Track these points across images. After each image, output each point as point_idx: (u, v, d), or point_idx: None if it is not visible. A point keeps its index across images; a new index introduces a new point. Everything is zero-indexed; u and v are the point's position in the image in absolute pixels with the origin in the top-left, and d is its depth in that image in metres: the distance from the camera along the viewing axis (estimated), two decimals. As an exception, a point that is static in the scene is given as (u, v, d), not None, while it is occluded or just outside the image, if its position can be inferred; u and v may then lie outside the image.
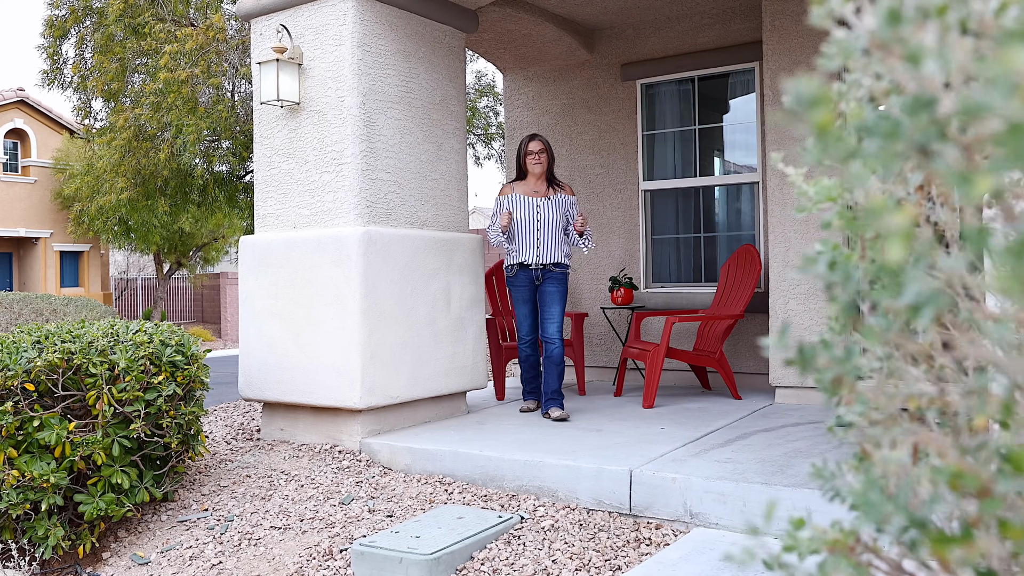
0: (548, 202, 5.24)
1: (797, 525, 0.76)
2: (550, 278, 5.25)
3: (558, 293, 5.24)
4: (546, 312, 5.24)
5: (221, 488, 4.49)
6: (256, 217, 5.27)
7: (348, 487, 4.37)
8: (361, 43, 4.84)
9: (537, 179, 5.30)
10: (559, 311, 5.24)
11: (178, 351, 4.25)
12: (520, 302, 5.33)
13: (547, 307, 5.24)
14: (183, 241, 19.09)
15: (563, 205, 5.28)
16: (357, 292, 4.72)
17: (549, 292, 5.24)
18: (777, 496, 3.49)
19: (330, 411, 4.91)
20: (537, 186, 5.30)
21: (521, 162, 5.34)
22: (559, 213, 5.24)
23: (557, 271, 5.25)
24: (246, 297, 5.19)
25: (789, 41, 5.41)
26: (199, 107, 7.30)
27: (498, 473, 4.23)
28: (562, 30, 6.60)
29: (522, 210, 5.24)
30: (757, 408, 5.31)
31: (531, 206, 5.23)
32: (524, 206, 5.24)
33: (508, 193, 5.34)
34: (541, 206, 5.23)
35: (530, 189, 5.30)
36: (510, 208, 5.26)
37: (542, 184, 5.31)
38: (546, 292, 5.24)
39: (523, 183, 5.35)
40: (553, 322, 5.20)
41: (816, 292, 5.34)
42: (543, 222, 5.21)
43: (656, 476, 3.78)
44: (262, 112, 5.18)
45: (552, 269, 5.23)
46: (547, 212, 5.22)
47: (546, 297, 5.24)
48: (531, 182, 5.32)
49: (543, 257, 5.21)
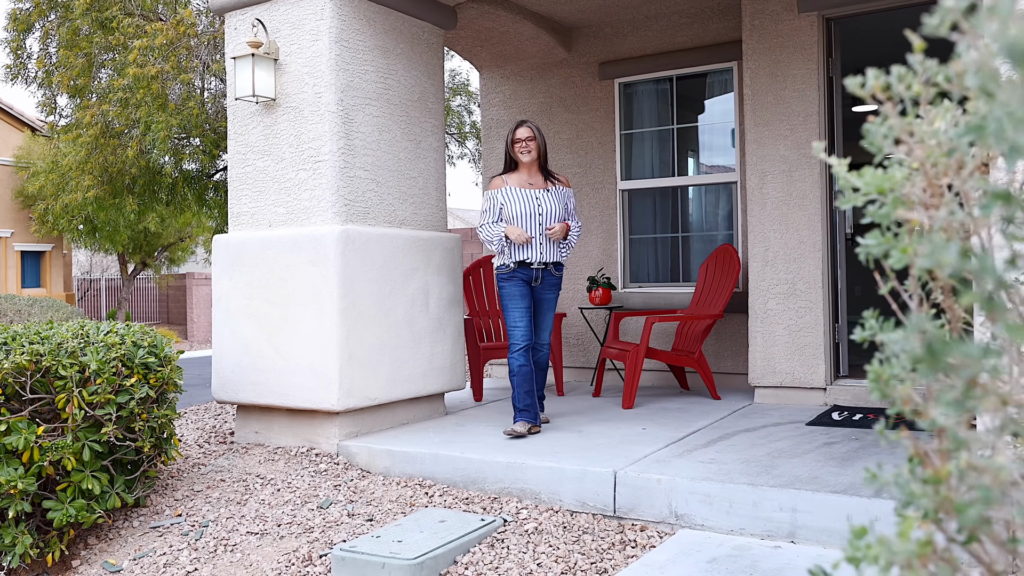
0: (547, 194, 4.80)
1: (859, 535, 0.72)
2: (549, 283, 4.88)
3: (554, 300, 4.96)
4: (542, 319, 4.92)
5: (195, 493, 4.38)
6: (230, 215, 5.16)
7: (326, 491, 4.28)
8: (339, 38, 4.76)
9: (529, 169, 4.85)
10: (552, 318, 5.00)
11: (151, 352, 4.14)
12: (514, 302, 4.77)
13: (544, 315, 4.92)
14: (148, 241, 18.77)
15: (563, 197, 4.87)
16: (335, 292, 4.63)
17: (548, 299, 4.91)
18: (764, 496, 3.46)
19: (307, 413, 4.82)
20: (532, 177, 4.85)
21: (509, 150, 4.87)
22: (560, 205, 4.82)
23: (556, 275, 4.90)
24: (220, 297, 5.07)
25: (768, 40, 5.41)
26: (169, 103, 7.16)
27: (480, 475, 4.16)
28: (540, 28, 6.55)
29: (520, 204, 4.76)
30: (737, 408, 5.30)
31: (530, 199, 4.77)
32: (522, 199, 4.77)
33: (500, 186, 4.83)
34: (541, 198, 4.78)
35: (524, 181, 4.83)
36: (504, 202, 4.78)
37: (537, 175, 4.86)
38: (544, 299, 4.90)
39: (515, 175, 4.87)
40: (547, 329, 4.95)
41: (795, 292, 5.34)
42: (545, 215, 4.76)
43: (641, 477, 3.74)
44: (237, 108, 5.07)
45: (552, 272, 4.86)
46: (548, 204, 4.78)
47: (543, 304, 4.91)
48: (524, 173, 4.86)
49: (547, 255, 4.79)
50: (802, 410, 5.14)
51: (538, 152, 4.82)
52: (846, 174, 0.90)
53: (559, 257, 4.85)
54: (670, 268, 6.85)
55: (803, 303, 5.31)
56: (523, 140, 4.80)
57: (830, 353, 5.34)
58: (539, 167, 4.86)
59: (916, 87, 0.81)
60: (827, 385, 5.29)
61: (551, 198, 4.80)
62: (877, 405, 5.17)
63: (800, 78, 5.31)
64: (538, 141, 4.82)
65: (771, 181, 5.41)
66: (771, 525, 3.42)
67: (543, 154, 4.86)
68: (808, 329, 5.29)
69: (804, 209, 5.30)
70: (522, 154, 4.80)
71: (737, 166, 6.30)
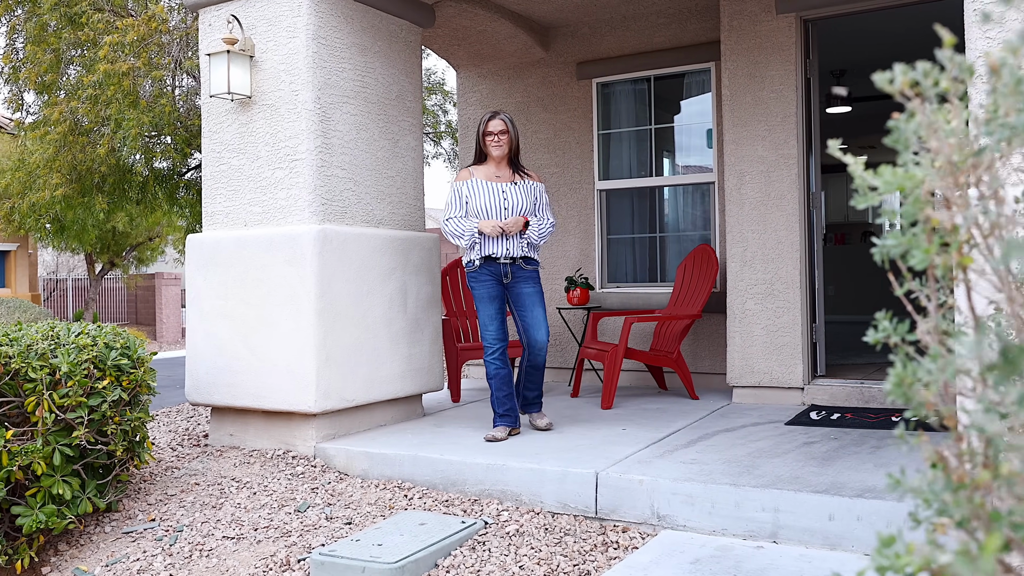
0: (515, 187, 4.63)
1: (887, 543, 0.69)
2: (523, 277, 4.64)
3: (537, 293, 4.67)
4: (530, 317, 4.64)
5: (168, 497, 4.30)
6: (204, 215, 5.07)
7: (303, 494, 4.22)
8: (316, 35, 4.69)
9: (498, 163, 4.68)
10: (543, 313, 4.69)
11: (123, 354, 4.05)
12: (485, 301, 4.62)
13: (529, 311, 4.64)
14: (116, 240, 18.47)
15: (531, 192, 4.68)
16: (312, 292, 4.57)
17: (527, 293, 4.64)
18: (746, 497, 3.46)
19: (283, 415, 4.75)
20: (500, 170, 4.69)
21: (480, 142, 4.70)
22: (527, 200, 4.63)
23: (529, 268, 4.65)
24: (194, 298, 4.99)
25: (747, 41, 5.42)
26: (141, 101, 7.03)
27: (459, 477, 4.13)
28: (518, 27, 6.53)
29: (485, 197, 4.59)
30: (716, 408, 5.31)
31: (495, 192, 4.60)
32: (487, 192, 4.60)
33: (467, 179, 4.69)
34: (508, 191, 4.61)
35: (492, 174, 4.67)
36: (469, 195, 4.62)
37: (505, 168, 4.69)
38: (523, 294, 4.64)
39: (483, 167, 4.71)
40: (541, 327, 4.63)
41: (773, 292, 5.36)
42: (511, 209, 4.59)
43: (623, 478, 3.73)
44: (211, 105, 4.99)
45: (523, 266, 4.63)
46: (515, 198, 4.60)
47: (525, 299, 4.64)
48: (492, 166, 4.69)
49: (513, 250, 4.58)
50: (780, 410, 5.16)
51: (509, 147, 4.67)
52: (862, 173, 0.88)
53: (525, 252, 4.64)
54: (648, 268, 6.85)
55: (781, 303, 5.32)
56: (495, 133, 4.64)
57: (807, 353, 5.37)
58: (508, 161, 4.70)
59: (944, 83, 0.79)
60: (805, 385, 5.31)
61: (518, 192, 4.62)
62: (855, 404, 5.20)
63: (778, 79, 5.33)
64: (510, 135, 4.66)
65: (749, 181, 5.42)
66: (753, 525, 3.42)
67: (515, 148, 4.71)
68: (786, 329, 5.31)
69: (782, 209, 5.32)
70: (493, 148, 4.64)
71: (714, 166, 6.31)
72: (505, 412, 4.65)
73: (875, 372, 5.80)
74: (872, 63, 8.18)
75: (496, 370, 4.64)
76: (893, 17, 6.39)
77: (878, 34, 7.20)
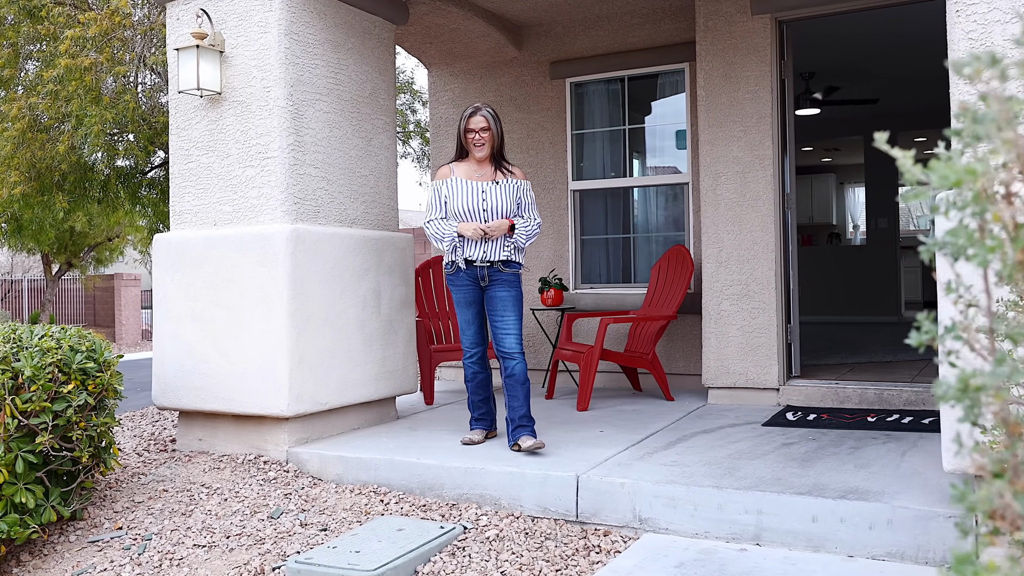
0: (496, 187, 4.36)
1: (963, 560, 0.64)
2: (500, 281, 4.36)
3: (511, 298, 4.36)
4: (499, 321, 4.35)
5: (136, 504, 4.17)
6: (172, 214, 4.94)
7: (276, 500, 4.12)
8: (288, 31, 4.59)
9: (480, 161, 4.42)
10: (515, 319, 4.36)
11: (89, 357, 3.92)
12: (462, 305, 4.43)
13: (500, 315, 4.35)
14: (74, 241, 18.06)
15: (514, 191, 4.39)
16: (285, 293, 4.47)
17: (500, 297, 4.35)
18: (729, 499, 3.43)
19: (254, 419, 4.64)
20: (481, 168, 4.41)
21: (461, 138, 4.43)
22: (510, 200, 4.36)
23: (508, 272, 4.37)
24: (161, 299, 4.86)
25: (722, 42, 5.42)
26: (103, 97, 6.84)
27: (437, 481, 4.06)
28: (491, 26, 6.47)
29: (464, 197, 4.32)
30: (692, 409, 5.29)
31: (475, 192, 4.33)
32: (467, 192, 4.33)
33: (446, 176, 4.43)
34: (488, 192, 4.34)
35: (472, 172, 4.41)
36: (448, 195, 4.36)
37: (487, 166, 4.42)
38: (496, 297, 4.35)
39: (464, 164, 4.44)
40: (510, 333, 4.33)
41: (749, 292, 5.36)
42: (491, 211, 4.32)
43: (604, 481, 3.68)
44: (180, 102, 4.86)
45: (502, 269, 4.35)
46: (495, 199, 4.33)
47: (496, 303, 4.35)
48: (473, 163, 4.43)
49: (491, 253, 4.32)
50: (756, 410, 5.16)
51: (492, 146, 4.40)
52: (912, 167, 0.83)
53: (506, 255, 4.35)
54: (621, 269, 6.83)
55: (756, 304, 5.33)
56: (476, 131, 4.36)
57: (783, 354, 5.37)
58: (491, 158, 4.43)
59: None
60: (780, 385, 5.31)
61: (500, 192, 4.35)
62: (830, 405, 5.21)
63: (753, 80, 5.33)
64: (493, 132, 4.38)
65: (725, 182, 5.42)
66: (736, 527, 3.40)
67: (499, 145, 4.44)
68: (761, 330, 5.31)
69: (757, 210, 5.32)
70: (475, 148, 4.38)
71: (688, 167, 6.30)
72: (481, 416, 4.56)
73: (847, 372, 5.83)
74: (841, 66, 8.26)
75: (474, 374, 4.52)
76: (865, 20, 6.44)
77: (848, 37, 7.27)
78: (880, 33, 7.14)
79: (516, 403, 4.32)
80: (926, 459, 3.82)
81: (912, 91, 9.53)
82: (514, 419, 4.30)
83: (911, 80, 9.00)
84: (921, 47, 7.51)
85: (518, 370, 4.33)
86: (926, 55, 7.77)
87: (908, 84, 9.18)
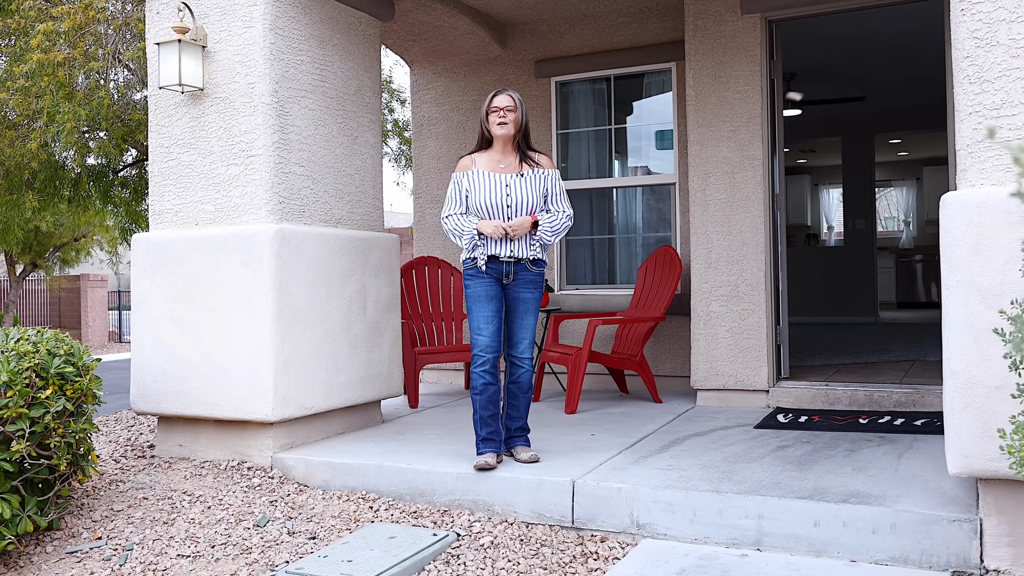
0: (521, 179, 4.01)
1: None
2: (526, 280, 4.04)
3: (533, 300, 4.07)
4: (517, 324, 4.06)
5: (115, 513, 4.04)
6: (151, 213, 4.80)
7: (262, 507, 4.01)
8: (273, 26, 4.48)
9: (504, 148, 4.05)
10: (533, 324, 4.09)
11: (68, 361, 3.78)
12: (481, 300, 3.99)
13: (520, 318, 4.06)
14: (40, 241, 17.69)
15: (540, 182, 4.04)
16: (270, 295, 4.35)
17: (524, 299, 4.04)
18: (729, 504, 3.38)
19: (237, 424, 4.52)
20: (505, 158, 4.06)
21: (484, 124, 4.08)
22: (535, 193, 4.01)
23: (534, 270, 4.05)
24: (140, 301, 4.72)
25: (712, 41, 5.38)
26: (77, 93, 6.66)
27: (428, 487, 3.97)
28: (476, 23, 6.38)
29: (487, 191, 3.98)
30: (682, 412, 5.24)
31: (498, 185, 3.99)
32: (489, 186, 3.99)
33: (468, 168, 4.08)
34: (513, 185, 4.00)
35: (495, 163, 4.05)
36: (469, 188, 4.02)
37: (511, 155, 4.06)
38: (520, 299, 4.04)
39: (486, 155, 4.09)
40: (525, 338, 4.07)
41: (738, 294, 5.32)
42: (515, 206, 3.98)
43: (600, 486, 3.62)
44: (160, 98, 4.73)
45: (529, 267, 4.03)
46: (520, 192, 3.99)
47: (519, 305, 4.05)
48: (496, 152, 4.07)
49: (518, 250, 3.99)
50: (747, 412, 5.12)
51: (516, 127, 4.02)
52: (1025, 159, 0.76)
53: (533, 253, 4.02)
54: (607, 270, 6.77)
55: (746, 305, 5.29)
56: (501, 109, 4.00)
57: (772, 355, 5.34)
58: (515, 146, 4.06)
59: None
60: (770, 387, 5.28)
61: (525, 185, 4.00)
62: (820, 407, 5.19)
63: (743, 79, 5.30)
64: (518, 113, 4.03)
65: (714, 183, 5.38)
66: (737, 533, 3.35)
67: (523, 131, 4.07)
68: (751, 331, 5.27)
69: (747, 211, 5.29)
70: (497, 126, 4.00)
71: (675, 168, 6.26)
72: (490, 435, 4.01)
73: (835, 374, 5.82)
74: (821, 67, 8.28)
75: (484, 385, 3.98)
76: (854, 20, 6.45)
77: (832, 37, 7.27)
78: (867, 33, 7.16)
79: (516, 413, 4.13)
80: (924, 462, 3.80)
81: (889, 93, 9.59)
82: (510, 428, 4.13)
83: (889, 82, 9.05)
84: (906, 48, 7.55)
85: (525, 379, 4.11)
86: (909, 56, 7.82)
87: (885, 86, 9.23)
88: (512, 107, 4.02)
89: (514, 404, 4.13)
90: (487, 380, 3.99)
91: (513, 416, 4.13)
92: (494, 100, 4.03)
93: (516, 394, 4.12)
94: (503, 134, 4.01)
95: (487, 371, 3.99)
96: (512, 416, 4.13)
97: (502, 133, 4.01)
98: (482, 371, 3.99)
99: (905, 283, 14.21)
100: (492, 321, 4.00)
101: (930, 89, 9.46)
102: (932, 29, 6.98)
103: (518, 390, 4.11)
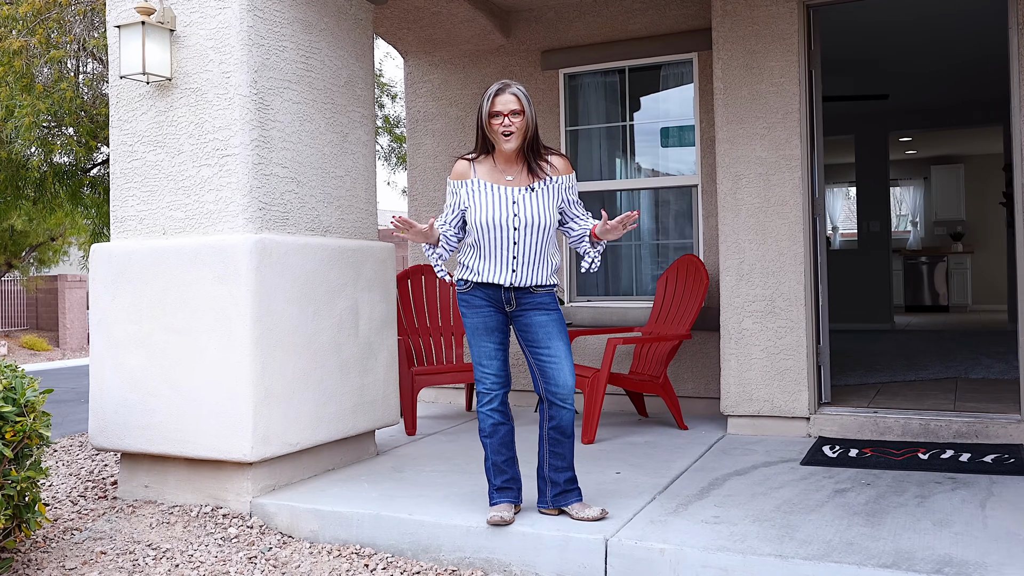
0: (531, 194, 3.29)
1: None
2: (532, 305, 3.34)
3: (555, 322, 3.34)
4: (544, 353, 3.31)
5: (67, 572, 3.46)
6: (113, 220, 4.21)
7: (239, 565, 3.43)
8: (252, 6, 3.89)
9: (509, 155, 3.32)
10: (566, 349, 3.33)
11: (7, 399, 3.19)
12: (481, 332, 3.37)
13: (545, 345, 3.32)
14: (14, 240, 17.07)
15: (555, 195, 3.33)
16: (248, 315, 3.77)
17: (539, 323, 3.32)
18: (797, 572, 2.83)
19: (211, 464, 3.93)
20: (511, 168, 3.33)
21: (484, 127, 3.31)
22: (549, 209, 3.31)
23: (541, 292, 3.35)
24: (99, 321, 4.12)
25: (743, 29, 4.83)
26: (36, 85, 6.06)
27: (433, 542, 3.41)
28: (476, 9, 5.81)
29: (490, 208, 3.28)
30: (712, 442, 4.69)
31: (503, 201, 3.29)
32: (493, 201, 3.29)
33: (466, 177, 3.35)
34: (521, 201, 3.29)
35: (498, 173, 3.33)
36: (469, 201, 3.32)
37: (518, 163, 3.33)
38: (534, 324, 3.33)
39: (487, 161, 3.36)
40: (562, 369, 3.30)
41: (774, 310, 4.78)
42: (523, 226, 3.28)
43: (639, 547, 3.06)
44: (122, 89, 4.13)
45: (533, 290, 3.34)
46: (530, 210, 3.28)
47: (536, 331, 3.32)
48: (500, 160, 3.34)
49: (523, 277, 3.30)
50: (786, 444, 4.58)
51: (524, 134, 3.26)
52: None
53: (546, 278, 3.35)
54: (621, 280, 6.21)
55: (783, 322, 4.75)
56: (504, 115, 3.23)
57: (813, 378, 4.80)
58: (522, 153, 3.31)
59: None
60: (810, 414, 4.74)
61: (536, 201, 3.28)
62: (869, 437, 4.65)
63: (778, 71, 4.75)
64: (526, 116, 3.25)
65: (746, 185, 4.83)
66: (807, 608, 2.80)
67: (532, 135, 3.29)
68: (789, 351, 4.73)
69: (784, 217, 4.75)
70: (503, 140, 3.25)
71: (697, 168, 5.71)
72: (506, 484, 3.41)
73: (876, 396, 5.29)
74: (844, 61, 7.75)
75: (494, 425, 3.38)
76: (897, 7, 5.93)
77: (861, 28, 6.73)
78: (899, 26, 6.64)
79: (562, 464, 3.38)
80: (1014, 514, 3.26)
81: (912, 91, 9.10)
82: (558, 481, 3.39)
83: (914, 79, 8.55)
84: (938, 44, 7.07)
85: (567, 420, 3.34)
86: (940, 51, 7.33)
87: (909, 83, 8.73)
88: (518, 109, 3.24)
89: (558, 453, 3.38)
90: (496, 420, 3.39)
91: (558, 467, 3.39)
92: (495, 100, 3.25)
93: (559, 440, 3.37)
94: (511, 148, 3.27)
95: (495, 409, 3.39)
96: (557, 467, 3.39)
97: (509, 147, 3.27)
98: (490, 410, 3.39)
99: (913, 286, 13.76)
100: (496, 355, 3.38)
101: (954, 86, 8.97)
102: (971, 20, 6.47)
103: (561, 435, 3.36)
